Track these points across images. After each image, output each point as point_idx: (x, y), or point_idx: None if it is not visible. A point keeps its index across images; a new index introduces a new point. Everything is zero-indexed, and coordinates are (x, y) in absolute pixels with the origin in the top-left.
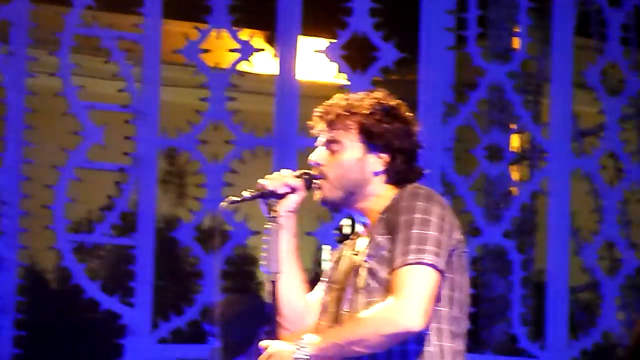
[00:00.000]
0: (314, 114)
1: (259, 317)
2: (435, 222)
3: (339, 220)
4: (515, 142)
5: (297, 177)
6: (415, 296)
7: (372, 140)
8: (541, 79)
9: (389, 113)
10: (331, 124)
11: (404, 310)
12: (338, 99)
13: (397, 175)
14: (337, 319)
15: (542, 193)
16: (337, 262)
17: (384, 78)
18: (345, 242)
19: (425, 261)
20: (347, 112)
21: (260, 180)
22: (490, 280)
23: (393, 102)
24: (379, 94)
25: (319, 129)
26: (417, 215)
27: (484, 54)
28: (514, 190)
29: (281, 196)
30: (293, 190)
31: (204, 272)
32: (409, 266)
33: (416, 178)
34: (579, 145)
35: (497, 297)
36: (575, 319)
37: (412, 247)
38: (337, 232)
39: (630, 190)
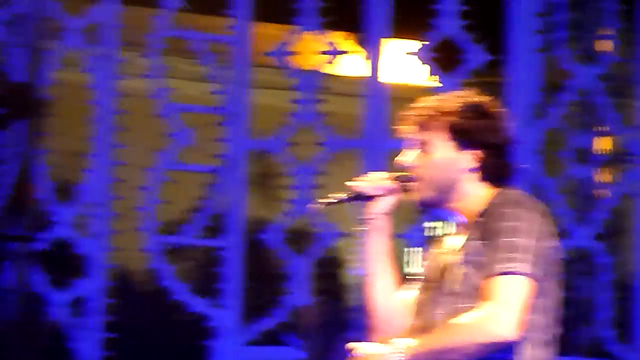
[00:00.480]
0: (403, 116)
1: (341, 322)
2: (533, 232)
3: (427, 223)
4: (605, 144)
5: (392, 179)
6: (510, 306)
7: (462, 137)
8: (630, 82)
9: (477, 110)
10: (421, 126)
11: (499, 320)
12: (426, 100)
13: (491, 171)
14: (430, 319)
15: (630, 196)
16: (434, 260)
17: (473, 80)
18: (439, 238)
19: (518, 270)
20: (436, 112)
21: (354, 183)
22: (578, 283)
23: (482, 99)
24: (468, 92)
25: (409, 131)
26: (516, 224)
27: (572, 57)
28: (602, 193)
29: (375, 198)
30: (388, 192)
31: (293, 274)
32: (504, 275)
33: (510, 173)
34: None
35: (585, 300)
36: None
37: (508, 255)
38: (423, 234)
39: None
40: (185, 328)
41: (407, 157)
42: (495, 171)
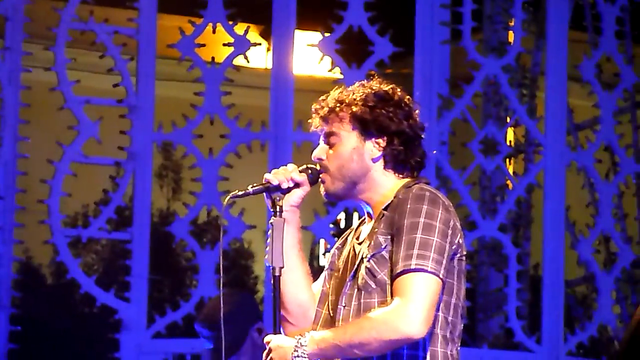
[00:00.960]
0: (312, 110)
1: (249, 314)
2: (439, 227)
3: (335, 214)
4: (510, 135)
5: (302, 171)
6: (417, 303)
7: (366, 127)
8: (536, 73)
9: (381, 98)
10: (326, 118)
11: (406, 317)
12: (332, 92)
13: (396, 159)
14: (335, 309)
15: (537, 186)
16: (340, 249)
17: (379, 72)
18: (350, 227)
19: (427, 269)
20: (340, 104)
21: (265, 175)
22: (486, 274)
23: (385, 87)
24: (373, 82)
25: (316, 124)
26: (422, 220)
27: (478, 48)
28: (510, 184)
29: (285, 191)
30: (297, 185)
31: (200, 266)
32: (411, 272)
33: (418, 162)
34: (574, 139)
35: (493, 291)
36: (571, 312)
37: (415, 252)
38: (332, 225)
39: (625, 184)
40: (92, 321)
41: (316, 151)
42: (401, 160)
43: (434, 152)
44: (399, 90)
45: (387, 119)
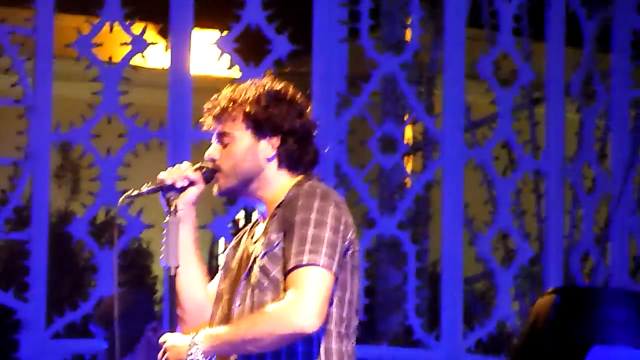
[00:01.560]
0: (205, 109)
1: (144, 313)
2: (330, 223)
3: (234, 213)
4: (408, 133)
5: (196, 169)
6: (310, 298)
7: (259, 126)
8: (434, 70)
9: (274, 97)
10: (219, 118)
11: (299, 311)
12: (225, 91)
13: (290, 158)
14: (229, 309)
15: (435, 184)
16: (234, 248)
17: (277, 71)
18: (245, 228)
19: (319, 263)
20: (233, 103)
21: (159, 175)
22: (385, 272)
23: (279, 86)
24: (265, 80)
25: (209, 124)
26: (313, 216)
27: (376, 46)
28: (408, 181)
29: (180, 190)
30: (192, 183)
31: (99, 266)
32: (303, 267)
33: (311, 160)
34: (471, 136)
35: (392, 288)
36: (470, 309)
37: (307, 247)
38: (231, 224)
39: (523, 181)
40: None
41: (210, 151)
42: (295, 158)
43: (326, 150)
44: (291, 88)
45: (281, 118)
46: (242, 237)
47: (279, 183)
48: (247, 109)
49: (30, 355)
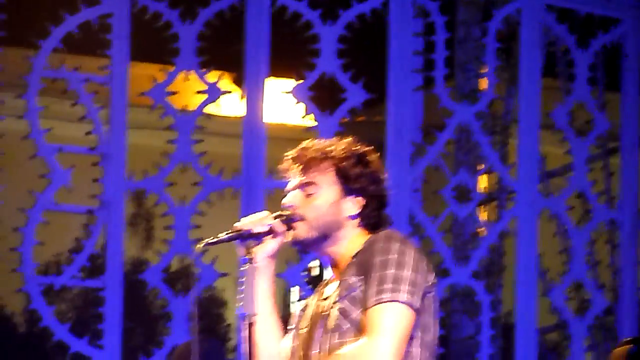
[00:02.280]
0: (287, 156)
1: None
2: (410, 263)
3: (307, 262)
4: (483, 183)
5: (274, 218)
6: (388, 335)
7: (348, 183)
8: (509, 120)
9: (363, 158)
10: (306, 167)
11: (377, 349)
12: (310, 142)
13: (370, 220)
14: (307, 358)
15: (510, 234)
16: (304, 309)
17: (352, 119)
18: (315, 290)
19: (400, 299)
20: (323, 155)
21: (236, 223)
22: (458, 321)
23: (365, 147)
24: (350, 139)
25: (293, 172)
26: (393, 256)
27: (451, 95)
28: (482, 231)
29: (258, 237)
30: (270, 230)
31: (173, 314)
32: (383, 304)
33: (387, 223)
34: (546, 186)
35: (466, 338)
36: None
37: (388, 286)
38: (305, 273)
39: (597, 231)
40: None
41: (291, 197)
42: (375, 220)
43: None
44: (373, 150)
45: (368, 180)
46: (310, 300)
47: (353, 240)
48: (339, 164)
49: None
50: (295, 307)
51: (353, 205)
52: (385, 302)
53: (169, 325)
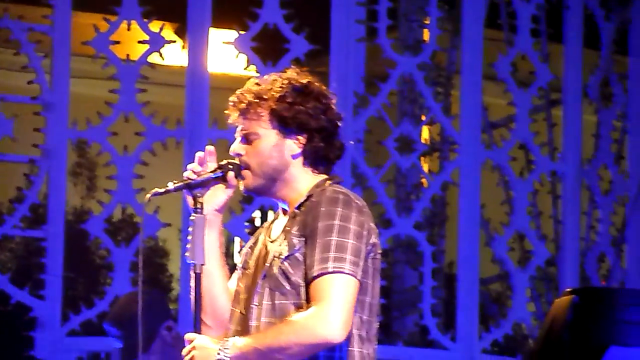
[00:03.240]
0: (229, 102)
1: (159, 312)
2: (354, 230)
3: (250, 212)
4: (425, 134)
5: (221, 167)
6: (336, 307)
7: (285, 124)
8: (451, 71)
9: (301, 93)
10: (244, 114)
11: (326, 321)
12: (249, 85)
13: (316, 156)
14: (247, 308)
15: (452, 184)
16: (252, 247)
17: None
18: (262, 225)
19: (345, 270)
20: (258, 99)
21: (185, 173)
22: (401, 272)
23: (304, 80)
24: (291, 73)
25: (234, 119)
26: (336, 222)
27: (394, 46)
28: (425, 181)
29: (207, 186)
30: (215, 181)
31: (115, 264)
32: (329, 275)
33: (337, 156)
34: (489, 137)
35: (408, 288)
36: (486, 310)
37: (331, 254)
38: (248, 224)
39: (540, 182)
40: (6, 319)
41: (234, 146)
42: (321, 155)
43: (351, 142)
44: (316, 82)
45: (307, 116)
46: (259, 236)
47: (302, 181)
48: (273, 107)
49: (46, 352)
50: (238, 256)
51: (294, 144)
52: (330, 272)
53: (110, 275)
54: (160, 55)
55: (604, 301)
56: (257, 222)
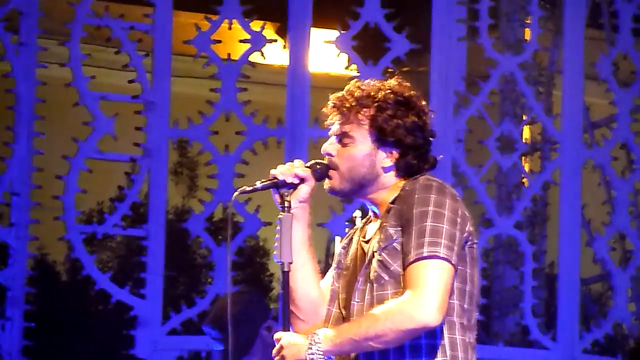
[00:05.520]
0: (329, 103)
1: (259, 313)
2: (448, 216)
3: (351, 212)
4: (527, 133)
5: (308, 167)
6: (431, 291)
7: (383, 136)
8: (553, 71)
9: (402, 106)
10: (344, 116)
11: (421, 305)
12: (352, 88)
13: (408, 170)
14: (347, 307)
15: (553, 184)
16: (346, 248)
17: (396, 69)
18: (355, 227)
19: (440, 255)
20: (360, 104)
21: (271, 171)
22: (501, 272)
23: (407, 93)
24: (394, 83)
25: (333, 119)
26: (431, 208)
27: (495, 45)
28: (526, 181)
29: (293, 186)
30: (303, 180)
31: (215, 263)
32: (424, 260)
33: (428, 169)
34: (590, 137)
35: (509, 288)
36: (587, 310)
37: (427, 240)
38: (348, 223)
39: None
40: (108, 318)
41: (328, 145)
42: (412, 170)
43: (440, 157)
44: (418, 96)
45: (405, 131)
46: (352, 237)
47: (392, 187)
48: (375, 116)
49: (147, 351)
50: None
51: (388, 157)
52: (425, 258)
53: (211, 274)
54: (262, 54)
55: None
56: (358, 222)
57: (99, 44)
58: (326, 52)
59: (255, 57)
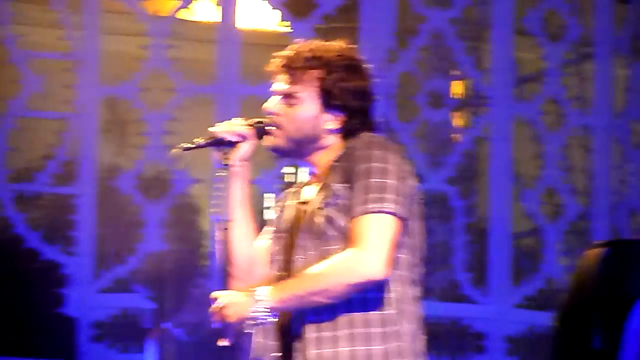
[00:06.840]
0: (277, 56)
1: (196, 270)
2: (393, 170)
3: (281, 168)
4: (456, 88)
5: (250, 125)
6: (377, 245)
7: (330, 99)
8: (482, 26)
9: (350, 70)
10: (292, 76)
11: (367, 259)
12: (301, 48)
13: (351, 132)
14: (287, 267)
15: (484, 139)
16: (281, 211)
17: (326, 25)
18: (287, 190)
19: (386, 209)
20: (309, 65)
21: (211, 128)
22: (432, 227)
23: (355, 56)
24: (342, 46)
25: (279, 77)
26: (375, 164)
27: (425, 1)
28: (456, 136)
29: (233, 144)
30: (244, 138)
31: (146, 220)
32: (370, 215)
33: (369, 130)
34: (520, 92)
35: (440, 243)
36: (518, 264)
37: (372, 195)
38: (279, 180)
39: (571, 136)
40: (38, 276)
41: (272, 103)
42: (355, 132)
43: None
44: (364, 60)
45: (352, 96)
46: (286, 200)
47: (333, 148)
48: (323, 78)
49: (77, 309)
50: (269, 212)
51: (333, 120)
52: (371, 212)
53: (141, 232)
54: (191, 11)
55: (635, 253)
56: (288, 178)
57: (28, 1)
58: (257, 8)
59: (185, 14)
